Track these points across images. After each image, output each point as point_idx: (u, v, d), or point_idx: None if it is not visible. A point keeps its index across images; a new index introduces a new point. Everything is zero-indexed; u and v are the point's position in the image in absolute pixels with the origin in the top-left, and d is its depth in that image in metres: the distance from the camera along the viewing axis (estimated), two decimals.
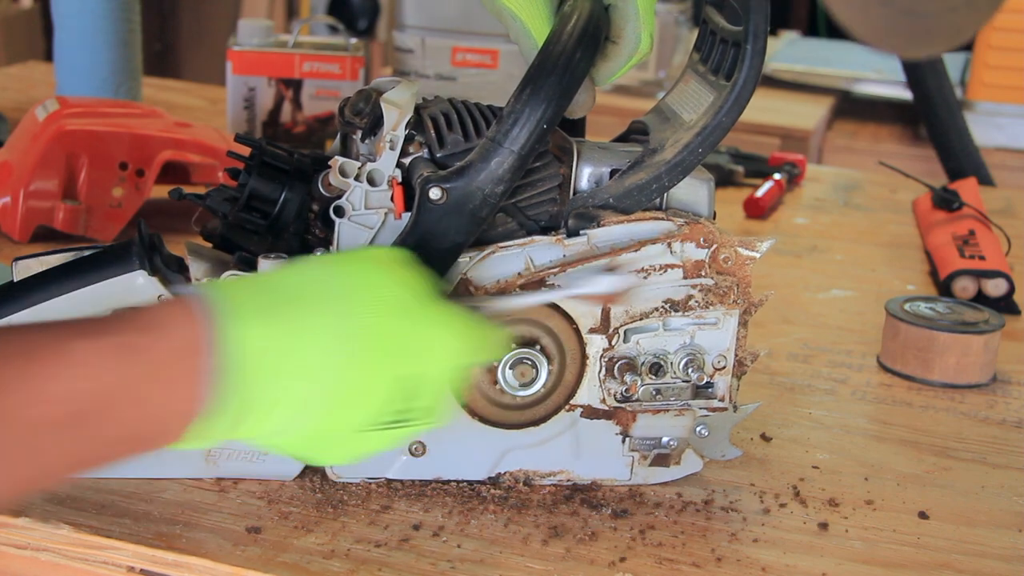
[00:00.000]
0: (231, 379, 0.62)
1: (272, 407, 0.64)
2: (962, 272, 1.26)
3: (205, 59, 3.24)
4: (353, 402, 0.66)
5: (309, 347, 0.64)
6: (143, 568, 0.74)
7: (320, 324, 0.65)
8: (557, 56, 0.76)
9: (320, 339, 0.65)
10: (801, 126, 2.17)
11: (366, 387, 0.67)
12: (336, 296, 0.67)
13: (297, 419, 0.65)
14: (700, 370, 0.82)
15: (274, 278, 0.68)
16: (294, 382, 0.64)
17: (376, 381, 0.67)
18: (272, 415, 0.64)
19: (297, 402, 0.64)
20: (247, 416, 0.63)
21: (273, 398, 0.63)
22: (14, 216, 1.21)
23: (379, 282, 0.69)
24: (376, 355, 0.66)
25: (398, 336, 0.68)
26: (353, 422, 0.67)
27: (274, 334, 0.63)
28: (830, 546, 0.79)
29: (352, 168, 0.79)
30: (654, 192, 0.80)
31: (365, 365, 0.66)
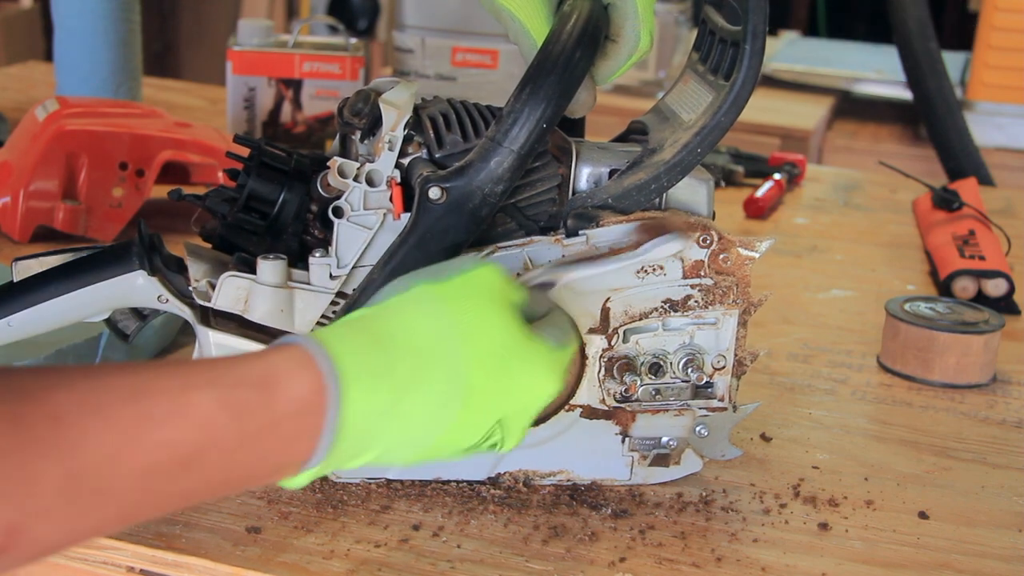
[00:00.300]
0: (344, 438, 0.61)
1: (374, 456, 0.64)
2: (962, 272, 1.26)
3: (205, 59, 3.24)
4: (453, 442, 0.67)
5: (418, 412, 0.64)
6: (143, 568, 0.74)
7: (430, 388, 0.65)
8: (557, 56, 0.76)
9: (429, 404, 0.65)
10: (801, 126, 2.17)
11: (466, 433, 0.67)
12: (444, 352, 0.66)
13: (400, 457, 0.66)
14: (700, 370, 0.82)
15: (384, 323, 0.66)
16: (399, 438, 0.65)
17: (477, 428, 0.68)
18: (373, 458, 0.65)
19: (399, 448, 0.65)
20: (355, 459, 0.64)
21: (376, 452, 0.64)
22: (14, 216, 1.21)
23: (482, 329, 0.68)
24: (479, 412, 0.67)
25: (503, 387, 0.68)
26: (445, 455, 0.68)
27: (386, 399, 0.63)
28: (830, 546, 0.79)
29: (351, 169, 0.79)
30: (653, 192, 0.80)
31: (470, 420, 0.67)
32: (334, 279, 0.79)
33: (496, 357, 0.68)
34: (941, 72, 2.00)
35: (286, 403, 0.60)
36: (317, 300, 0.79)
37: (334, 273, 0.79)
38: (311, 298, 0.79)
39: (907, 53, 2.01)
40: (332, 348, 0.62)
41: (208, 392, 0.58)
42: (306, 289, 0.79)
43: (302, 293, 0.79)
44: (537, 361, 0.70)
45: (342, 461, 0.63)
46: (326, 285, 0.79)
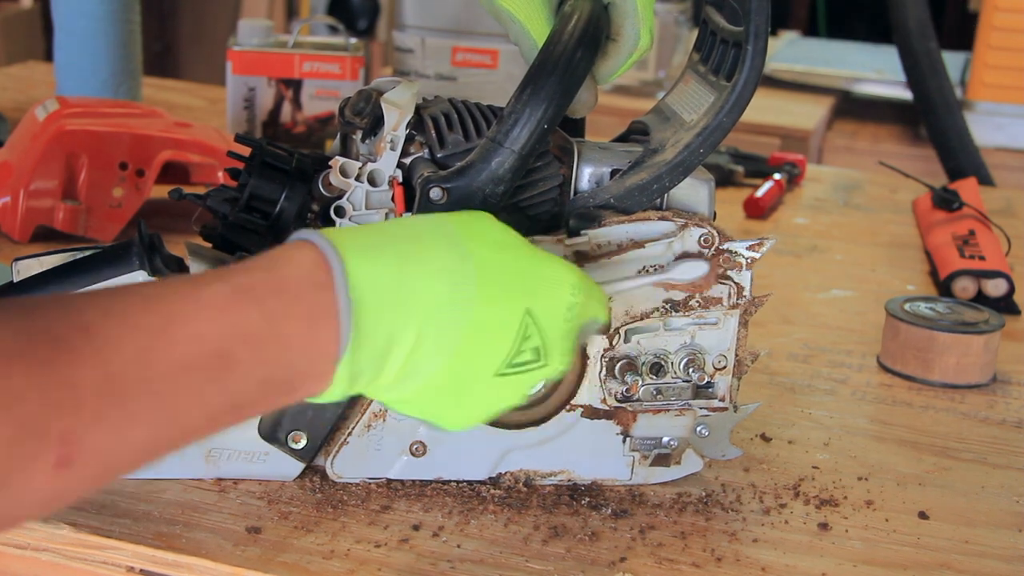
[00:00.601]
0: (363, 314, 0.61)
1: (406, 345, 0.63)
2: (962, 272, 1.26)
3: (205, 59, 3.24)
4: (485, 339, 0.65)
5: (429, 280, 0.64)
6: (143, 568, 0.74)
7: (442, 259, 0.64)
8: (558, 56, 0.76)
9: (444, 274, 0.64)
10: (801, 126, 2.17)
11: (496, 323, 0.66)
12: (451, 235, 0.66)
13: (433, 359, 0.64)
14: (701, 370, 0.82)
15: (383, 224, 0.67)
16: (420, 315, 0.63)
17: (505, 316, 0.66)
18: (407, 354, 0.63)
19: (424, 338, 0.63)
20: (384, 358, 0.62)
21: (401, 333, 0.62)
22: (14, 216, 1.21)
23: (487, 225, 0.69)
24: (502, 289, 0.66)
25: (519, 271, 0.67)
26: (486, 363, 0.66)
27: (393, 267, 0.63)
28: (830, 546, 0.79)
29: (353, 168, 0.79)
30: (655, 192, 0.80)
31: (492, 299, 0.65)
32: None
33: (505, 244, 0.68)
34: (941, 72, 2.00)
35: (297, 281, 0.60)
36: None
37: None
38: None
39: (907, 53, 2.01)
40: (326, 233, 0.63)
41: (221, 284, 0.59)
42: None
43: None
44: (554, 259, 0.70)
45: (375, 363, 0.62)
46: None
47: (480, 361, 0.66)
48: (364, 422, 0.81)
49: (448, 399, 0.67)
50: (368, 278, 0.61)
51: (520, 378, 0.68)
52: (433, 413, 0.68)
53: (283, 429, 0.80)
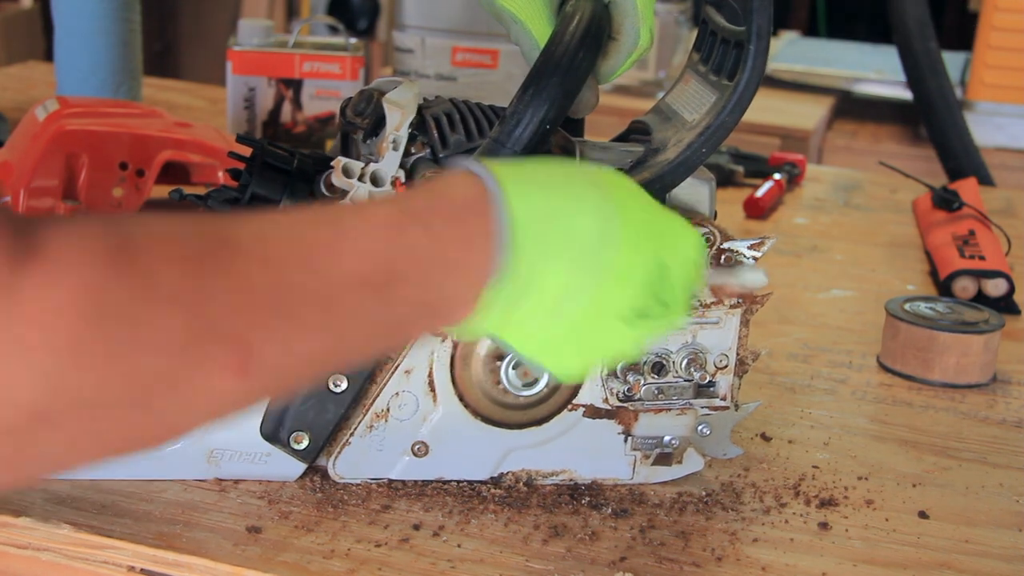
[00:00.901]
0: (514, 242, 0.61)
1: (546, 278, 0.63)
2: (962, 272, 1.26)
3: (205, 59, 3.24)
4: (618, 281, 0.65)
5: (579, 218, 0.64)
6: (143, 568, 0.74)
7: (586, 198, 0.65)
8: (559, 57, 0.76)
9: (588, 212, 0.64)
10: (801, 126, 2.17)
11: (630, 266, 0.65)
12: (595, 179, 0.67)
13: (567, 297, 0.64)
14: (702, 369, 0.82)
15: (536, 163, 0.67)
16: (568, 252, 0.63)
17: (639, 261, 0.66)
18: (546, 289, 0.63)
19: (569, 275, 0.63)
20: (527, 289, 0.62)
21: (549, 268, 0.63)
22: None
23: (621, 177, 0.69)
24: (640, 235, 0.66)
25: (654, 220, 0.68)
26: (617, 307, 0.66)
27: (548, 201, 0.63)
28: (830, 546, 0.79)
29: (355, 169, 0.79)
30: (657, 192, 0.80)
31: (633, 243, 0.65)
32: None
33: (638, 193, 0.68)
34: (941, 72, 2.00)
35: (459, 204, 0.61)
36: None
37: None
38: None
39: (907, 53, 2.01)
40: (487, 164, 0.63)
41: (388, 205, 0.61)
42: None
43: None
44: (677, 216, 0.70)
45: (517, 292, 0.62)
46: None
47: (613, 302, 0.66)
48: (366, 422, 0.81)
49: (575, 342, 0.66)
50: (523, 209, 0.62)
51: (641, 327, 0.67)
52: (556, 356, 0.67)
53: (285, 430, 0.80)
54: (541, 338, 0.66)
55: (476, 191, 0.62)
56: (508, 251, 0.61)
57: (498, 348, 0.80)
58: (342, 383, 0.80)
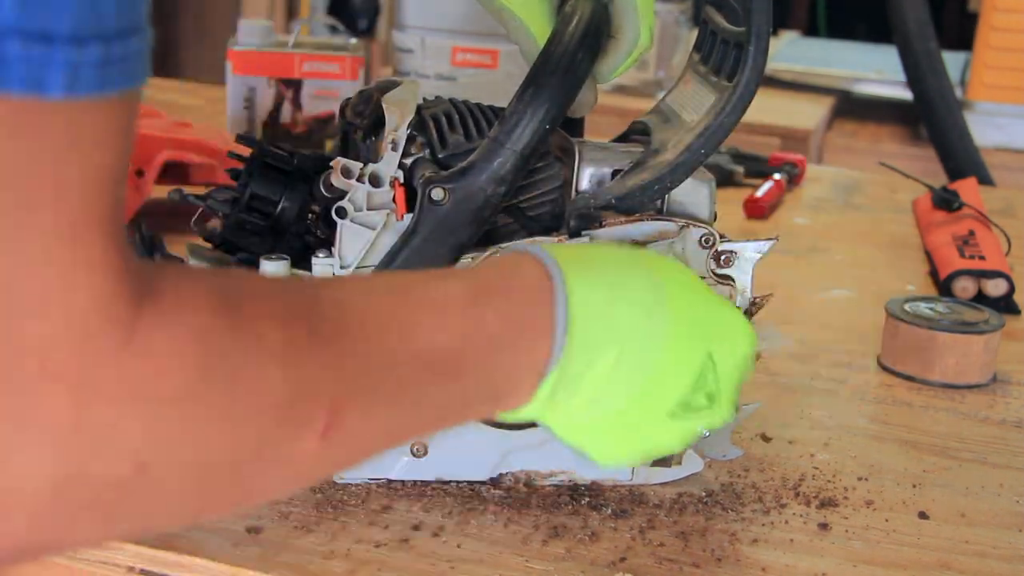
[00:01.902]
0: (574, 333, 0.61)
1: (603, 369, 0.63)
2: (962, 272, 1.26)
3: (205, 59, 3.24)
4: (669, 377, 0.65)
5: (636, 310, 0.64)
6: (143, 568, 0.74)
7: (641, 289, 0.65)
8: (559, 56, 0.76)
9: (643, 305, 0.64)
10: (801, 126, 2.17)
11: (682, 362, 0.66)
12: (647, 267, 0.67)
13: (618, 388, 0.64)
14: None
15: (590, 247, 0.68)
16: (617, 344, 0.63)
17: (691, 358, 0.66)
18: (603, 379, 0.63)
19: (615, 368, 0.63)
20: (581, 380, 0.62)
21: (597, 359, 0.63)
22: None
23: (675, 264, 0.69)
24: (690, 328, 0.66)
25: (705, 313, 0.67)
26: (664, 400, 0.66)
27: (607, 293, 0.63)
28: (830, 546, 0.79)
29: (354, 169, 0.79)
30: (656, 193, 0.80)
31: (681, 336, 0.65)
32: None
33: (691, 285, 0.68)
34: (941, 72, 2.00)
35: (523, 291, 0.62)
36: None
37: (337, 273, 0.79)
38: None
39: (907, 53, 2.01)
40: (546, 248, 0.64)
41: (459, 281, 0.61)
42: None
43: None
44: (733, 307, 0.70)
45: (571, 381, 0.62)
46: None
47: (660, 399, 0.66)
48: None
49: (618, 433, 0.67)
50: (582, 301, 0.62)
51: (688, 422, 0.68)
52: (597, 445, 0.67)
53: None
54: (583, 426, 0.66)
55: (541, 277, 0.62)
56: (565, 341, 0.61)
57: None
58: None
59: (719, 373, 0.67)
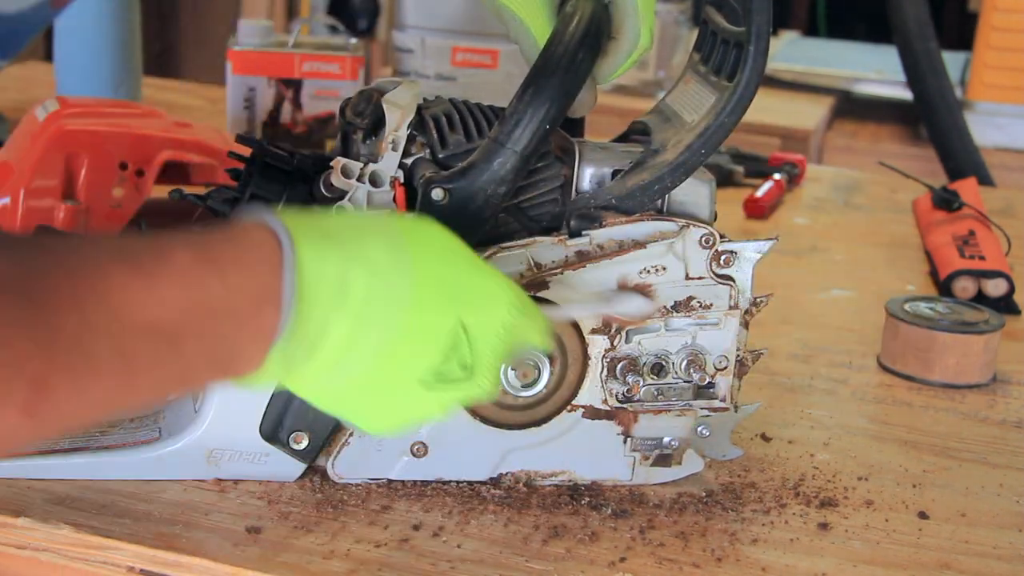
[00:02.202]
0: (303, 302, 0.61)
1: (337, 337, 0.63)
2: (962, 272, 1.26)
3: (205, 59, 3.24)
4: (414, 343, 0.65)
5: (373, 279, 0.64)
6: (143, 568, 0.74)
7: (385, 256, 0.65)
8: (559, 57, 0.76)
9: (385, 270, 0.64)
10: (801, 126, 2.17)
11: (427, 328, 0.65)
12: (395, 238, 0.66)
13: (357, 354, 0.64)
14: (702, 370, 0.82)
15: (335, 217, 0.67)
16: (352, 309, 0.63)
17: (437, 323, 0.66)
18: (338, 347, 0.63)
19: (359, 332, 0.64)
20: (315, 348, 0.62)
21: (332, 324, 0.63)
22: (14, 216, 1.21)
23: (432, 232, 0.69)
24: (439, 296, 0.66)
25: (456, 281, 0.67)
26: (412, 369, 0.66)
27: (341, 264, 0.63)
28: (830, 546, 0.79)
29: (354, 169, 0.79)
30: (656, 193, 0.80)
31: (424, 305, 0.65)
32: None
33: (449, 250, 0.68)
34: (941, 72, 2.00)
35: (252, 259, 0.61)
36: None
37: None
38: None
39: (907, 53, 2.01)
40: (285, 218, 0.63)
41: (186, 250, 0.60)
42: None
43: None
44: (496, 274, 0.69)
45: (303, 350, 0.62)
46: None
47: (406, 365, 0.66)
48: None
49: (370, 400, 0.67)
50: (313, 269, 0.62)
51: (444, 392, 0.67)
52: (353, 412, 0.68)
53: (284, 430, 0.80)
54: (332, 393, 0.66)
55: (270, 245, 0.62)
56: (295, 309, 0.61)
57: None
58: None
59: (474, 342, 0.67)
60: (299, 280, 0.61)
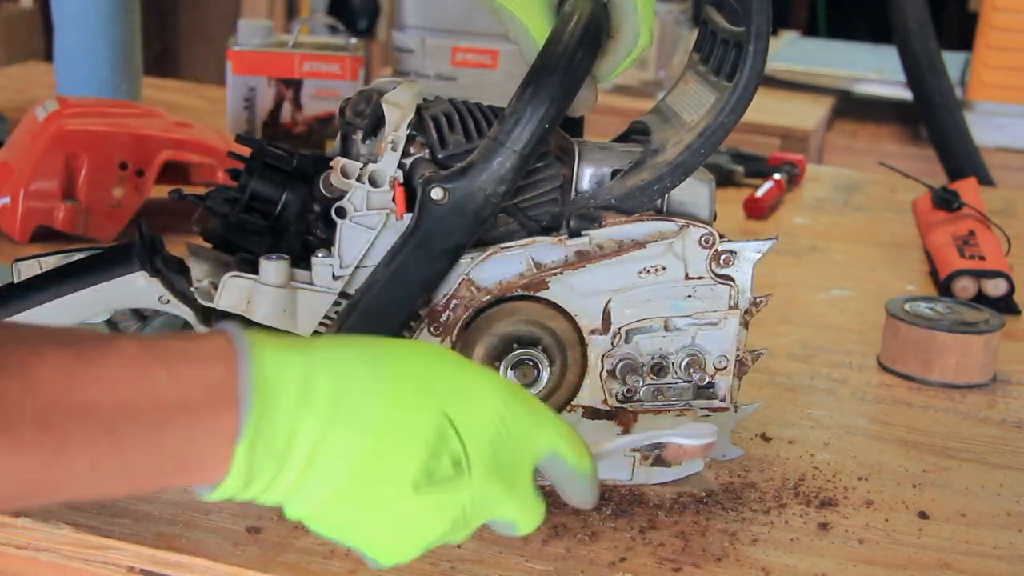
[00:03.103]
0: (265, 400, 0.58)
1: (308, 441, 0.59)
2: (962, 272, 1.26)
3: (205, 59, 3.24)
4: (392, 441, 0.60)
5: (343, 374, 0.60)
6: (143, 568, 0.74)
7: (355, 355, 0.61)
8: (559, 56, 0.76)
9: (354, 368, 0.61)
10: (801, 126, 2.17)
11: (407, 424, 0.61)
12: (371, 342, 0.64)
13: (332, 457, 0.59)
14: (701, 370, 0.82)
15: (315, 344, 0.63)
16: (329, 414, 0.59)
17: (418, 417, 0.61)
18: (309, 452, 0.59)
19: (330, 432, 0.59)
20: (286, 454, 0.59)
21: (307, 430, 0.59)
22: (14, 216, 1.21)
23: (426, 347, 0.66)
24: (416, 387, 0.61)
25: (436, 373, 0.63)
26: (398, 470, 0.61)
27: (304, 359, 0.60)
28: (830, 546, 0.79)
29: (354, 169, 0.79)
30: (656, 193, 0.80)
31: (405, 398, 0.61)
32: (337, 279, 0.79)
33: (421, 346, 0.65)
34: (941, 72, 2.00)
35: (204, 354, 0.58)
36: (320, 300, 0.79)
37: (337, 273, 0.79)
38: (314, 298, 0.79)
39: (907, 53, 2.01)
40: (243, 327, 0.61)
41: (132, 340, 0.58)
42: (309, 289, 0.79)
43: (305, 293, 0.79)
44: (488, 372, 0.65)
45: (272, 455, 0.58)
46: (329, 285, 0.79)
47: (391, 467, 0.60)
48: None
49: (361, 515, 0.61)
50: (274, 367, 0.59)
51: (440, 496, 0.61)
52: (351, 533, 0.62)
53: None
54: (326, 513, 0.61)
55: (226, 343, 0.59)
56: (255, 410, 0.57)
57: (497, 350, 0.80)
58: None
59: (463, 435, 0.62)
60: (258, 377, 0.58)
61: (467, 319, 0.80)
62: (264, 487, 0.59)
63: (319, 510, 0.61)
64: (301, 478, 0.59)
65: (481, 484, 0.62)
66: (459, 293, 0.79)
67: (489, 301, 0.79)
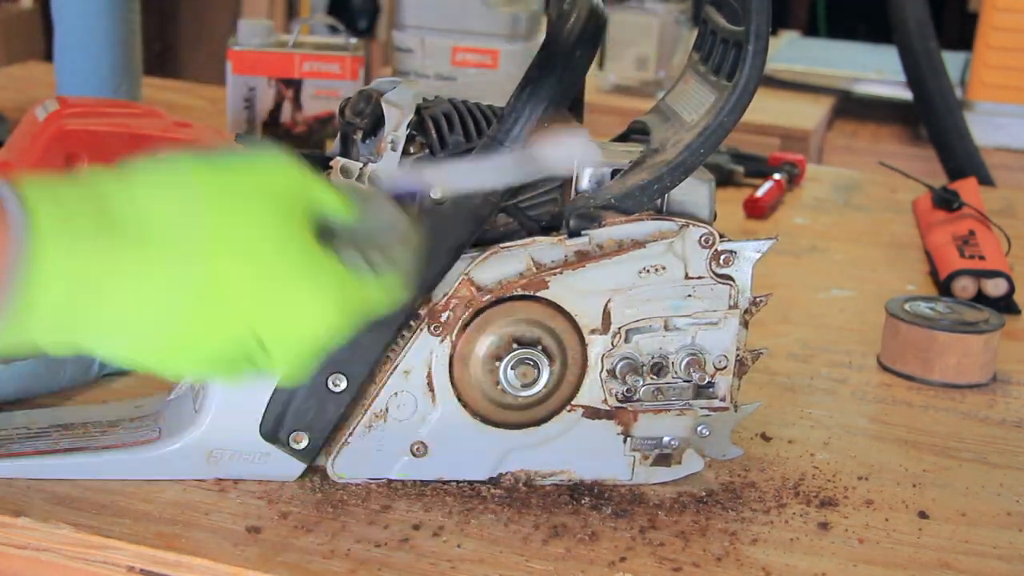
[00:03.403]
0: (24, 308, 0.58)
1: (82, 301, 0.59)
2: (962, 272, 1.26)
3: (205, 59, 3.24)
4: (182, 339, 0.60)
5: (123, 287, 0.60)
6: (143, 568, 0.74)
7: (153, 259, 0.60)
8: (557, 55, 0.76)
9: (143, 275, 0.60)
10: (801, 126, 2.17)
11: (201, 330, 0.60)
12: (186, 224, 0.61)
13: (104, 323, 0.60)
14: (701, 370, 0.82)
15: (113, 193, 0.62)
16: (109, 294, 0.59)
17: (215, 330, 0.61)
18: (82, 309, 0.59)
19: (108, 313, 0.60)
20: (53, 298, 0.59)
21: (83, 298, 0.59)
22: None
23: (246, 223, 0.62)
24: (220, 308, 0.61)
25: (253, 291, 0.62)
26: (181, 365, 0.62)
27: (76, 268, 0.59)
28: (830, 546, 0.79)
29: (354, 169, 0.79)
30: (656, 192, 0.80)
31: (204, 316, 0.60)
32: None
33: (256, 254, 0.62)
34: (941, 72, 2.00)
35: None
36: None
37: None
38: None
39: (907, 53, 2.01)
40: (32, 204, 0.60)
41: None
42: None
43: None
44: (316, 278, 0.63)
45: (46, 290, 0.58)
46: None
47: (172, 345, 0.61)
48: (365, 423, 0.81)
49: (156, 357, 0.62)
50: (50, 223, 0.59)
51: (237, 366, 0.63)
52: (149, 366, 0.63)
53: (284, 429, 0.80)
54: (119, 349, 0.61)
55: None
56: (25, 247, 0.57)
57: (497, 349, 0.80)
58: (341, 383, 0.80)
59: (269, 348, 0.62)
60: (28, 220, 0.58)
61: (467, 319, 0.80)
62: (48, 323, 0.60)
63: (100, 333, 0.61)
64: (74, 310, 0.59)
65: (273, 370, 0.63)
66: (459, 293, 0.79)
67: (489, 301, 0.79)
